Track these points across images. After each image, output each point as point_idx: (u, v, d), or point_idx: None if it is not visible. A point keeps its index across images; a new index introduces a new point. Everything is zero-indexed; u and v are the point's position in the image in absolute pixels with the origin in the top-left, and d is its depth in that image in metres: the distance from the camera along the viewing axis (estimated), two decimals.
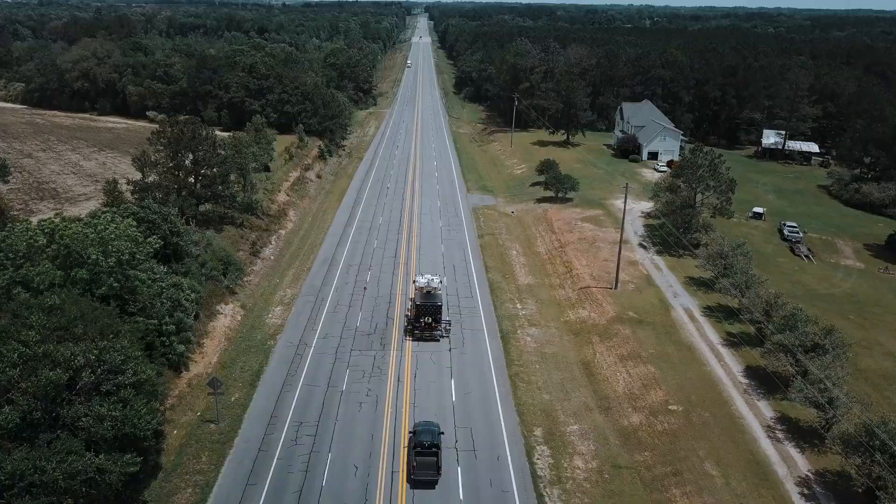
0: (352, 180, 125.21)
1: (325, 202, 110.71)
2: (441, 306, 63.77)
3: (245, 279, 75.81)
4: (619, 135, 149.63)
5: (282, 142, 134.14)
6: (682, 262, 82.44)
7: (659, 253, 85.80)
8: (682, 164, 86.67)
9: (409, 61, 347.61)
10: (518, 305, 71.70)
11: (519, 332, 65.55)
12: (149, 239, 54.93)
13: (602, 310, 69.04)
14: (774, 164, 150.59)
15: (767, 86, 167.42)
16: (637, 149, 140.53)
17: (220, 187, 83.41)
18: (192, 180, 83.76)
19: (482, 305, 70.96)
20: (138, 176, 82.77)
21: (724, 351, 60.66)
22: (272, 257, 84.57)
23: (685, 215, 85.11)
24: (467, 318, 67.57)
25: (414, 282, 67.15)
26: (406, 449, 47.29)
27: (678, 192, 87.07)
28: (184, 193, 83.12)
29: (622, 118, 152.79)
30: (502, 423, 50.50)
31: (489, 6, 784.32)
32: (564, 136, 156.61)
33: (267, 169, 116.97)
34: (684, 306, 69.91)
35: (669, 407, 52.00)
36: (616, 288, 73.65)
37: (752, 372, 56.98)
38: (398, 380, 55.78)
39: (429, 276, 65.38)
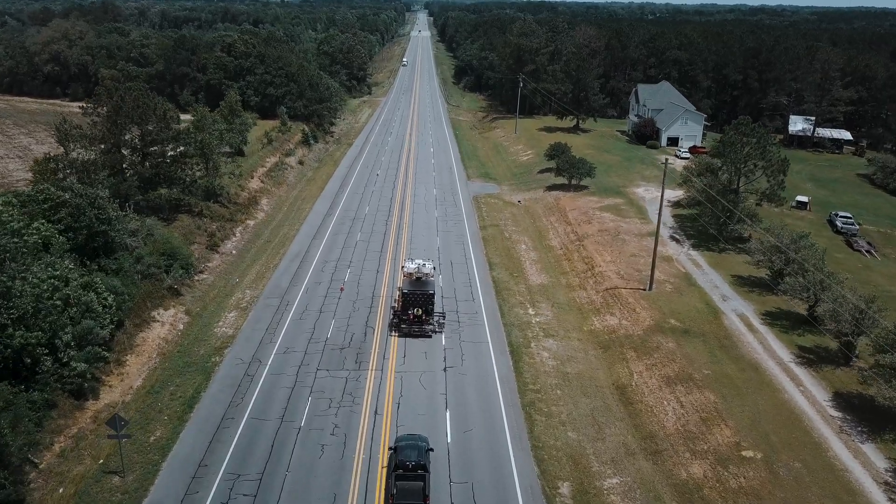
0: (337, 167, 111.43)
1: (305, 190, 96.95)
2: (433, 295, 52.04)
3: (196, 278, 62.06)
4: (635, 119, 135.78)
5: (265, 127, 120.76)
6: (725, 258, 68.78)
7: (695, 247, 72.13)
8: (723, 141, 72.95)
9: (404, 59, 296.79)
10: (530, 311, 57.98)
11: (533, 345, 51.80)
12: (34, 225, 41.06)
13: (636, 316, 55.32)
14: (803, 153, 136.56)
15: (793, 68, 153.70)
16: (655, 134, 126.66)
17: (171, 167, 69.64)
18: (139, 159, 70.10)
19: (486, 311, 57.26)
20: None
21: (799, 372, 46.90)
22: (234, 251, 70.81)
23: (727, 202, 71.21)
24: (467, 328, 53.82)
25: (402, 267, 55.84)
26: (384, 470, 35.96)
27: (719, 174, 73.34)
28: (129, 174, 69.64)
29: (637, 101, 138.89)
30: (515, 477, 36.78)
31: (489, 2, 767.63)
32: (574, 122, 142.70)
33: (241, 153, 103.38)
34: (738, 312, 56.18)
35: (743, 452, 38.26)
36: (650, 289, 59.96)
37: (843, 401, 43.27)
38: (375, 412, 42.05)
39: (419, 261, 54.52)
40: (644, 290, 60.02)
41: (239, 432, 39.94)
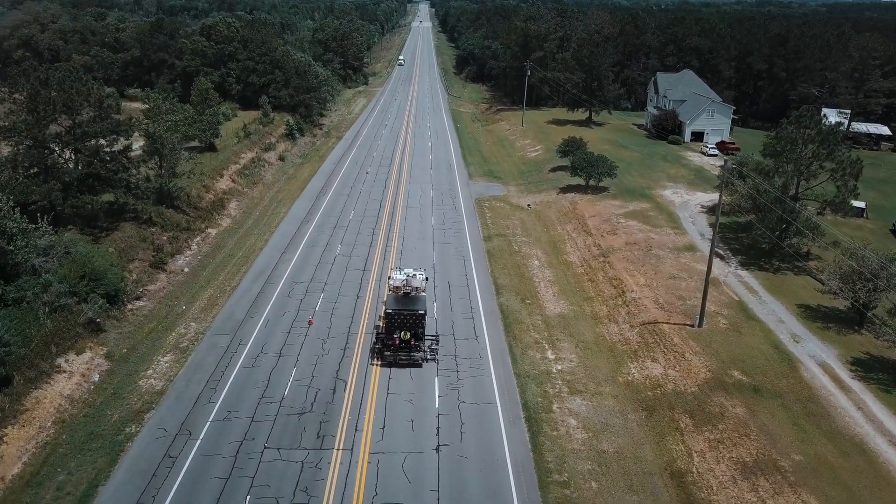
0: (323, 163, 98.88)
1: (284, 190, 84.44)
2: (424, 315, 41.97)
3: (129, 306, 49.63)
4: (654, 111, 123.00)
5: (246, 119, 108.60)
6: (784, 281, 56.28)
7: (744, 265, 59.64)
8: (779, 137, 60.44)
9: (401, 58, 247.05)
10: (549, 353, 45.54)
11: (556, 407, 39.34)
12: None
13: (686, 364, 42.87)
14: None
15: (824, 56, 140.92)
16: (677, 127, 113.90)
17: (109, 164, 57.05)
18: (71, 156, 57.55)
19: (492, 353, 44.81)
20: None
21: None
22: (186, 269, 58.35)
23: (784, 211, 58.56)
24: (469, 381, 41.36)
25: (389, 278, 45.09)
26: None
27: (774, 177, 60.81)
28: (59, 174, 57.07)
29: (657, 92, 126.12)
30: None
31: None
32: (586, 114, 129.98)
33: (212, 148, 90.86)
34: (817, 359, 43.72)
35: None
36: (700, 325, 47.48)
37: None
38: None
39: (408, 271, 44.55)
40: (692, 326, 47.52)
41: None
